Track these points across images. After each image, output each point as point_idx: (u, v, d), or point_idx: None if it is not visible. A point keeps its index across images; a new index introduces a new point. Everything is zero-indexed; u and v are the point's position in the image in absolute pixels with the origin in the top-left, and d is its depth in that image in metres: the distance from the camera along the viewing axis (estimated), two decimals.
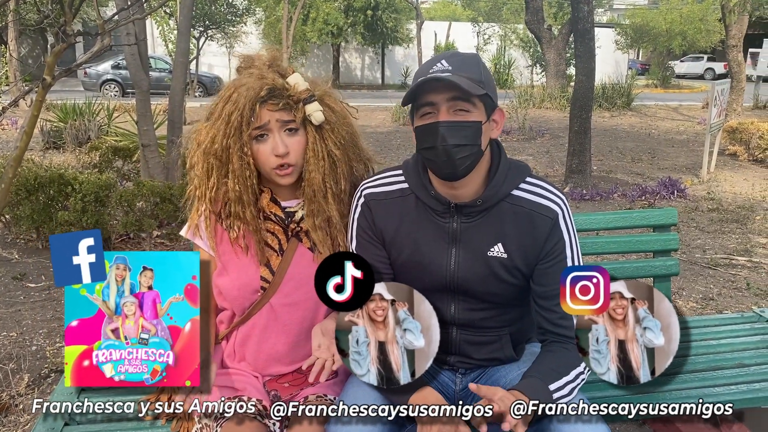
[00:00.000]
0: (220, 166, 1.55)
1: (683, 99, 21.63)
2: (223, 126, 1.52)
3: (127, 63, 5.65)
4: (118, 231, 4.95)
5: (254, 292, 1.62)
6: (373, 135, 11.88)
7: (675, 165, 9.39)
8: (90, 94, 13.13)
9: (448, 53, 1.50)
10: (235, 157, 1.52)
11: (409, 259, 1.59)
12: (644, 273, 2.45)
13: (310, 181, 1.58)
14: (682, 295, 4.17)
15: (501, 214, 1.55)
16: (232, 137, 1.51)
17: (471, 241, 1.55)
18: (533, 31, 16.72)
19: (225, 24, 20.32)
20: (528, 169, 1.60)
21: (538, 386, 1.43)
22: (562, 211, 1.56)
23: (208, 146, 1.54)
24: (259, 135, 1.54)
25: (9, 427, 2.55)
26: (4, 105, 2.58)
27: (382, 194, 1.61)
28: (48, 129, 9.66)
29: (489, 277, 1.56)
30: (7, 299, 3.96)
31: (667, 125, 14.66)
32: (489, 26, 30.22)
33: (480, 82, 1.45)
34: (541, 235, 1.54)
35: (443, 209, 1.55)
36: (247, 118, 1.50)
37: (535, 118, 14.37)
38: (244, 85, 1.53)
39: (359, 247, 1.62)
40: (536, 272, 1.57)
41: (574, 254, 1.56)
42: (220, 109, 1.54)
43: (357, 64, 31.11)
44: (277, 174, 1.56)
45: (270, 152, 1.53)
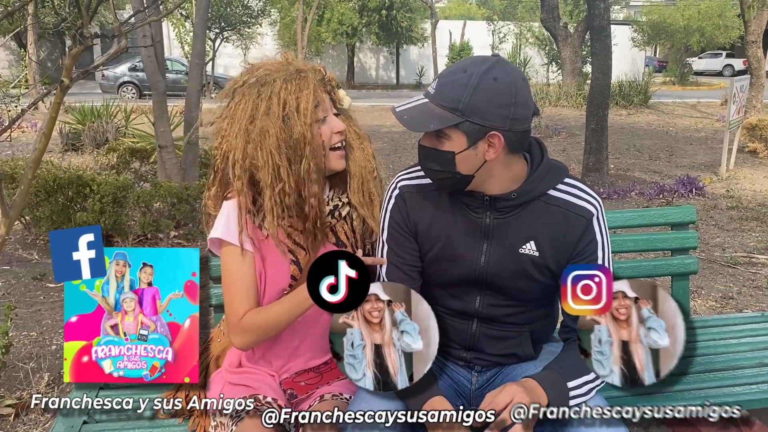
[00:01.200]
0: (295, 154, 1.53)
1: (701, 96, 21.40)
2: (294, 112, 1.51)
3: (144, 65, 5.70)
4: (136, 231, 5.00)
5: (281, 292, 1.62)
6: (388, 134, 11.89)
7: (693, 163, 9.29)
8: (108, 96, 13.26)
9: (455, 69, 1.47)
10: (316, 138, 1.54)
11: (441, 253, 1.59)
12: (662, 271, 2.43)
13: (355, 160, 1.65)
14: (701, 294, 4.12)
15: (535, 212, 1.54)
16: (309, 118, 1.52)
17: (503, 237, 1.55)
18: (549, 29, 16.62)
19: (240, 25, 20.45)
20: (566, 170, 1.60)
21: (557, 380, 1.42)
22: (596, 212, 1.55)
23: (282, 135, 1.51)
24: (322, 117, 1.58)
25: (30, 425, 2.58)
26: (23, 108, 2.61)
27: (417, 186, 1.62)
28: (66, 131, 9.77)
29: (518, 274, 1.56)
30: (27, 299, 4.01)
31: (685, 122, 14.51)
32: (504, 25, 30.12)
33: (456, 110, 1.42)
34: (574, 235, 1.53)
35: (477, 204, 1.55)
36: (316, 99, 1.54)
37: (552, 117, 14.29)
38: (293, 72, 1.54)
39: (390, 238, 1.62)
40: None
41: (605, 256, 1.56)
42: (277, 100, 1.51)
43: (372, 64, 31.14)
44: (337, 155, 1.61)
45: (330, 131, 1.58)
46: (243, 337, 1.57)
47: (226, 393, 1.60)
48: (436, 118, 1.43)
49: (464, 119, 1.43)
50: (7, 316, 2.67)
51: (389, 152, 9.79)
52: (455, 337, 1.66)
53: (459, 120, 1.43)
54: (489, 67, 1.44)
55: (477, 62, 1.46)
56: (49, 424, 2.55)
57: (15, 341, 3.29)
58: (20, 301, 3.96)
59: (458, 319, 1.64)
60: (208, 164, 7.09)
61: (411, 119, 1.46)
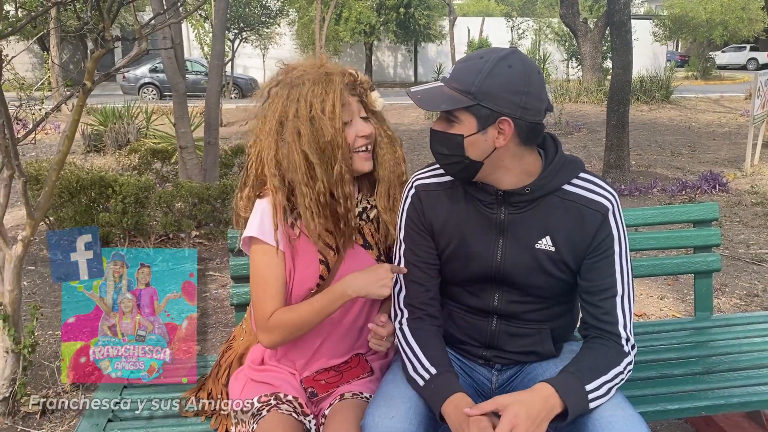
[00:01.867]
0: (326, 155, 1.55)
1: (725, 90, 21.08)
2: (321, 115, 1.53)
3: (164, 67, 5.76)
4: (158, 231, 5.05)
5: (308, 291, 1.64)
6: (406, 132, 11.87)
7: (716, 158, 9.16)
8: (129, 98, 13.40)
9: (472, 56, 1.49)
10: (344, 140, 1.56)
11: (457, 250, 1.59)
12: (685, 269, 2.41)
13: (385, 164, 1.67)
14: (725, 292, 4.07)
15: (550, 207, 1.54)
16: (339, 121, 1.54)
17: (518, 232, 1.55)
18: (568, 24, 16.47)
19: (259, 26, 20.52)
20: (582, 164, 1.59)
21: (574, 385, 1.40)
22: (612, 207, 1.54)
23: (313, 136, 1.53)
24: (348, 120, 1.59)
25: (55, 423, 2.62)
26: (46, 110, 2.65)
27: (432, 185, 1.63)
28: (89, 132, 9.89)
29: (535, 270, 1.55)
30: (52, 299, 4.07)
31: (708, 118, 14.31)
32: (523, 21, 29.92)
33: (468, 93, 1.43)
34: (590, 230, 1.52)
35: (491, 200, 1.55)
36: (342, 102, 1.56)
37: (572, 113, 14.17)
38: (322, 75, 1.57)
39: (407, 237, 1.63)
40: (583, 267, 1.55)
41: (622, 250, 1.54)
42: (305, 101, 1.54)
43: (390, 62, 31.12)
44: (362, 157, 1.62)
45: (354, 135, 1.60)
46: (271, 335, 1.59)
47: (247, 390, 1.62)
48: (447, 100, 1.44)
49: (475, 102, 1.43)
50: (32, 316, 2.71)
51: (407, 150, 9.74)
52: (475, 335, 1.66)
53: (470, 103, 1.43)
54: (505, 55, 1.45)
55: (494, 50, 1.48)
56: (75, 422, 2.58)
57: (41, 340, 3.34)
58: (45, 300, 4.02)
59: (478, 317, 1.64)
60: (228, 164, 7.15)
61: (423, 98, 1.48)
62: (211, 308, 3.90)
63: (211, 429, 1.75)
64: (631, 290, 1.54)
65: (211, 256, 4.97)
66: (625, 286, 1.53)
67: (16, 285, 2.57)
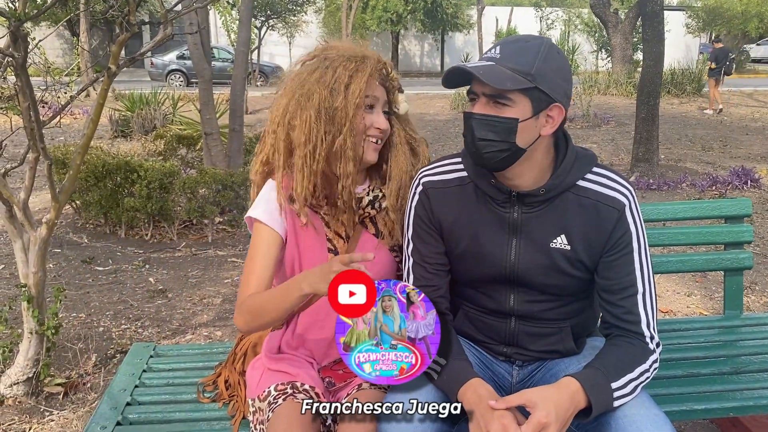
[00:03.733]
0: (332, 126, 1.52)
1: (759, 84, 20.62)
2: (343, 88, 1.51)
3: (190, 53, 5.77)
4: (182, 217, 5.09)
5: None
6: (432, 123, 11.80)
7: (749, 153, 8.96)
8: (156, 84, 13.53)
9: (518, 39, 1.43)
10: (357, 117, 1.52)
11: (468, 250, 1.55)
12: (714, 266, 2.34)
13: (399, 162, 1.62)
14: (755, 290, 3.97)
15: (565, 205, 1.49)
16: (356, 98, 1.50)
17: (532, 231, 1.50)
18: (598, 15, 16.25)
19: (286, 13, 20.53)
20: (595, 158, 1.53)
21: (600, 381, 1.35)
22: (629, 202, 1.48)
23: (323, 104, 1.50)
24: (370, 105, 1.56)
25: (78, 404, 2.65)
26: (72, 94, 2.66)
27: (440, 182, 1.57)
28: (116, 118, 10.02)
29: (550, 269, 1.51)
30: (76, 282, 4.12)
31: (741, 112, 14.00)
32: (552, 11, 29.54)
33: (528, 75, 1.37)
34: (606, 227, 1.47)
35: (504, 198, 1.51)
36: (368, 83, 1.53)
37: (600, 105, 13.98)
38: (358, 55, 1.55)
39: (415, 235, 1.59)
40: (601, 265, 1.50)
41: (641, 247, 1.49)
42: (332, 73, 1.52)
43: (416, 51, 30.97)
44: (371, 146, 1.58)
45: (371, 123, 1.56)
46: (238, 316, 1.56)
47: (264, 379, 1.60)
48: (509, 79, 1.37)
49: (534, 85, 1.38)
50: (56, 298, 2.74)
51: (432, 140, 9.73)
52: (494, 336, 1.62)
53: (530, 85, 1.37)
54: (549, 42, 1.42)
55: (533, 36, 1.44)
56: (96, 404, 2.61)
57: (64, 322, 3.38)
58: (70, 283, 4.07)
59: (495, 318, 1.60)
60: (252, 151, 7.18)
61: (486, 74, 1.37)
62: (232, 294, 3.92)
63: (227, 415, 1.74)
64: (652, 287, 1.49)
65: (234, 243, 4.99)
66: (646, 284, 1.48)
67: (40, 267, 2.60)
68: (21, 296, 2.61)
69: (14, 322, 3.20)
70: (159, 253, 4.77)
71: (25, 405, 2.61)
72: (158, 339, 3.32)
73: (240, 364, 1.78)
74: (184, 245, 4.93)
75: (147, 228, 5.11)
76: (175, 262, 4.57)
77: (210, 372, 1.96)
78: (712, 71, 14.03)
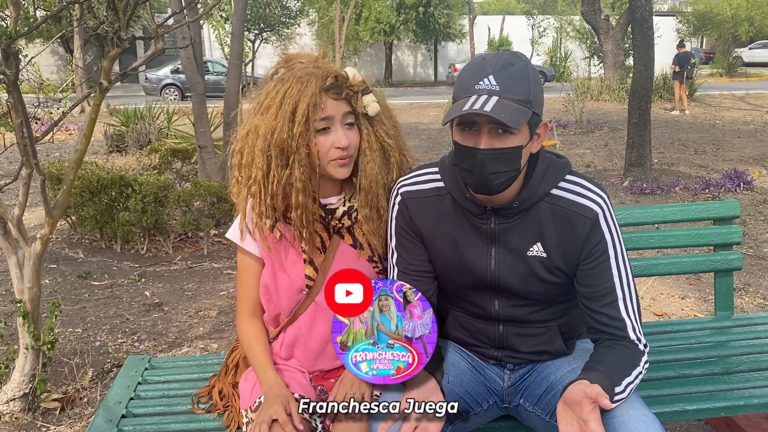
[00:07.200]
0: (281, 158, 1.50)
1: (750, 87, 20.74)
2: (289, 116, 1.48)
3: (183, 67, 5.81)
4: (177, 230, 5.09)
5: (299, 292, 1.63)
6: (426, 132, 11.84)
7: (741, 156, 9.01)
8: (150, 99, 13.54)
9: (497, 64, 1.39)
10: (303, 147, 1.49)
11: (449, 258, 1.57)
12: (705, 267, 2.36)
13: (366, 172, 1.57)
14: (748, 291, 3.99)
15: (539, 214, 1.50)
16: (300, 126, 1.47)
17: (510, 241, 1.52)
18: (590, 21, 16.36)
19: (279, 26, 20.62)
20: (568, 165, 1.55)
21: (606, 384, 1.35)
22: (602, 210, 1.49)
23: (269, 138, 1.49)
24: (324, 127, 1.51)
25: (74, 419, 2.65)
26: (64, 110, 2.68)
27: (417, 192, 1.58)
28: (111, 133, 10.03)
29: (529, 277, 1.53)
30: (72, 297, 4.12)
31: (733, 115, 14.09)
32: (544, 18, 29.71)
33: (527, 103, 1.38)
34: (580, 236, 1.48)
35: (479, 211, 1.53)
36: (314, 107, 1.48)
37: (593, 111, 14.04)
38: (305, 75, 1.50)
39: (399, 244, 1.60)
40: (579, 273, 1.52)
41: (617, 253, 1.50)
42: (279, 99, 1.50)
43: (409, 61, 31.09)
44: (337, 165, 1.54)
45: (330, 145, 1.52)
46: (239, 334, 1.73)
47: (256, 390, 1.61)
48: (520, 114, 1.36)
49: (532, 111, 1.39)
50: (52, 313, 2.74)
51: (426, 149, 9.75)
52: (484, 338, 1.64)
53: (530, 112, 1.39)
54: (526, 59, 1.44)
55: (512, 55, 1.43)
56: (93, 418, 2.61)
57: (60, 337, 3.39)
58: (66, 298, 4.07)
59: (483, 322, 1.62)
60: None
61: (508, 117, 1.34)
62: (228, 306, 3.92)
63: (222, 426, 1.75)
64: (632, 292, 1.50)
65: (229, 255, 4.99)
66: (626, 289, 1.49)
67: (35, 282, 2.61)
68: (16, 312, 2.62)
69: (10, 338, 3.20)
70: (155, 266, 4.77)
71: (22, 421, 2.61)
72: (155, 352, 3.32)
73: (231, 375, 1.79)
74: (180, 258, 4.93)
75: (142, 242, 5.11)
76: (170, 275, 4.58)
77: (205, 383, 1.96)
78: (675, 74, 14.94)
